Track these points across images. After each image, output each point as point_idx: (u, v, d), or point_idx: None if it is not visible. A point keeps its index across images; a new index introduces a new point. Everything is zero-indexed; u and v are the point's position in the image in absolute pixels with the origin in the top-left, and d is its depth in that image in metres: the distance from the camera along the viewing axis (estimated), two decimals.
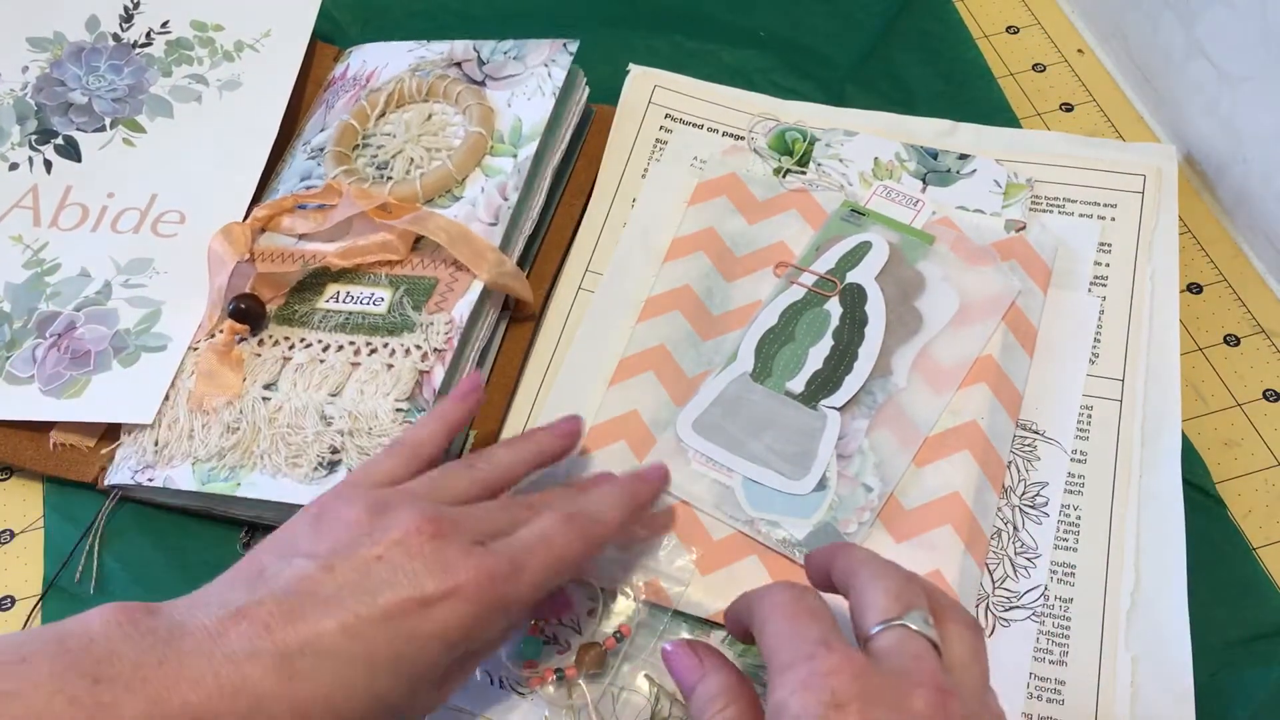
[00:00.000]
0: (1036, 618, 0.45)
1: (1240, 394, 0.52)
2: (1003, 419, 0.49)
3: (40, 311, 0.53)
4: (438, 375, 0.48)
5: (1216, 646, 0.45)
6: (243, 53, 0.63)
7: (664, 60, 0.63)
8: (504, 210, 0.52)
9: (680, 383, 0.50)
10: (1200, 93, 0.58)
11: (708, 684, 0.36)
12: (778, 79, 0.64)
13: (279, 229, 0.54)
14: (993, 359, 0.50)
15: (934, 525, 0.46)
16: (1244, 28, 0.55)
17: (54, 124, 0.60)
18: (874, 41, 0.65)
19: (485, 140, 0.55)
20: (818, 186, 0.57)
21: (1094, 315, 0.52)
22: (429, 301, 0.50)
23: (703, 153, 0.59)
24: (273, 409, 0.48)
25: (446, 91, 0.57)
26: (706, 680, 0.36)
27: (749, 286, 0.54)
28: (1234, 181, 0.58)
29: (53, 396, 0.50)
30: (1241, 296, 0.56)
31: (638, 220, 0.56)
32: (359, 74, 0.60)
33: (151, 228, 0.56)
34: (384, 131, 0.57)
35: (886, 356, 0.50)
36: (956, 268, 0.53)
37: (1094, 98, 0.64)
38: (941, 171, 0.57)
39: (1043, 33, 0.67)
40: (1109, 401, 0.50)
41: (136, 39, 0.63)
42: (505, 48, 0.59)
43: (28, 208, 0.58)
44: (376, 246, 0.52)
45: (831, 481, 0.47)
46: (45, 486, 0.52)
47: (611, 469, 0.48)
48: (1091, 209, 0.56)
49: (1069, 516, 0.47)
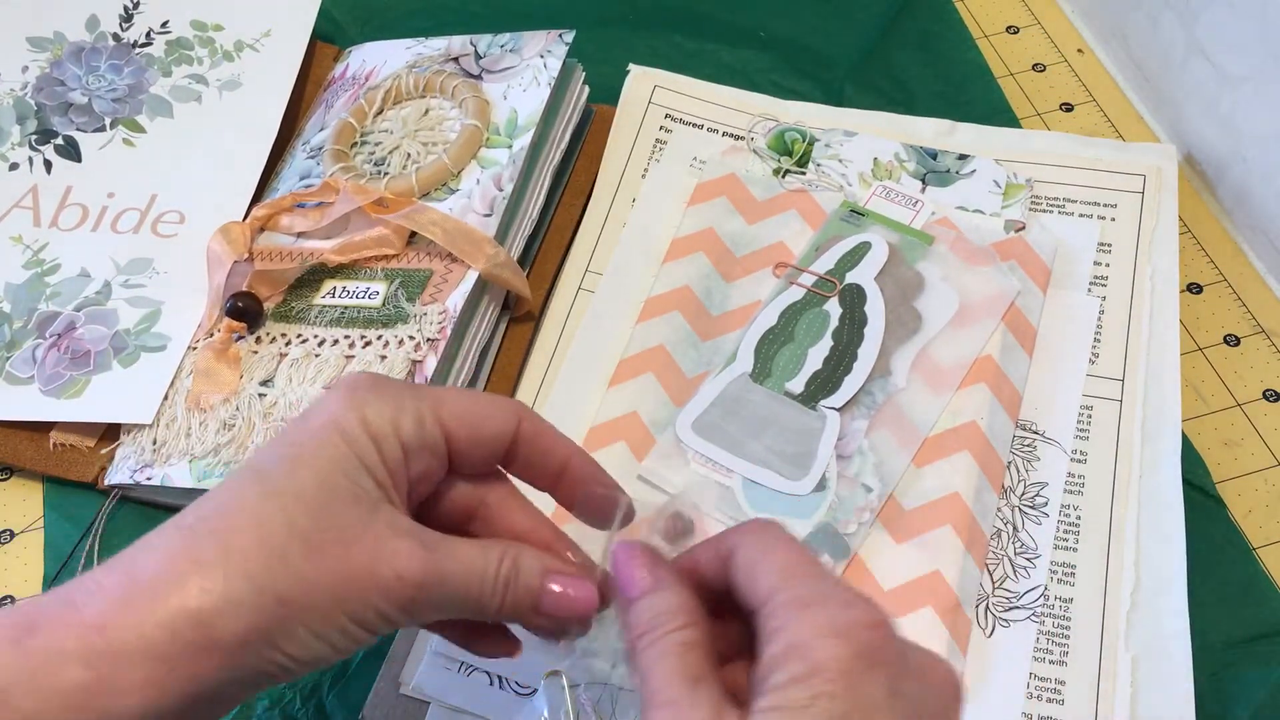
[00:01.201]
0: (1036, 618, 0.45)
1: (1240, 394, 0.52)
2: (1002, 419, 0.49)
3: (40, 312, 0.53)
4: (430, 364, 0.48)
5: (1216, 646, 0.45)
6: (243, 53, 0.63)
7: (664, 60, 0.63)
8: (499, 201, 0.52)
9: (680, 383, 0.50)
10: (1200, 93, 0.58)
11: (663, 597, 0.30)
12: (778, 79, 0.64)
13: (278, 228, 0.54)
14: (992, 359, 0.50)
15: (934, 526, 0.46)
16: (1244, 28, 0.54)
17: (54, 124, 0.60)
18: (874, 41, 0.65)
19: (481, 133, 0.55)
20: (817, 187, 0.57)
21: (1094, 315, 0.52)
22: (423, 293, 0.50)
23: (702, 153, 0.59)
24: (268, 404, 0.48)
25: (443, 86, 0.57)
26: (662, 593, 0.30)
27: (748, 287, 0.54)
28: (1234, 181, 0.58)
29: (53, 397, 0.50)
30: (1241, 296, 0.56)
31: (637, 220, 0.56)
32: (358, 73, 0.60)
33: (151, 228, 0.56)
34: (381, 128, 0.57)
35: (886, 357, 0.50)
36: (956, 268, 0.53)
37: (1094, 98, 0.64)
38: (941, 172, 0.57)
39: (1043, 33, 0.67)
40: (1109, 401, 0.50)
41: (136, 39, 0.63)
42: (502, 41, 0.59)
43: (28, 208, 0.58)
44: (373, 242, 0.52)
45: (831, 482, 0.47)
46: (45, 486, 0.52)
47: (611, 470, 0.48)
48: (1091, 209, 0.56)
49: (1069, 516, 0.47)
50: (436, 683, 0.44)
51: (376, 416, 0.31)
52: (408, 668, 0.44)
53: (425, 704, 0.44)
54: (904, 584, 0.44)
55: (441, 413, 0.32)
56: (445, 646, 0.44)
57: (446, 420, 0.32)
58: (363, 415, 0.31)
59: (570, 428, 0.47)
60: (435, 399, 0.32)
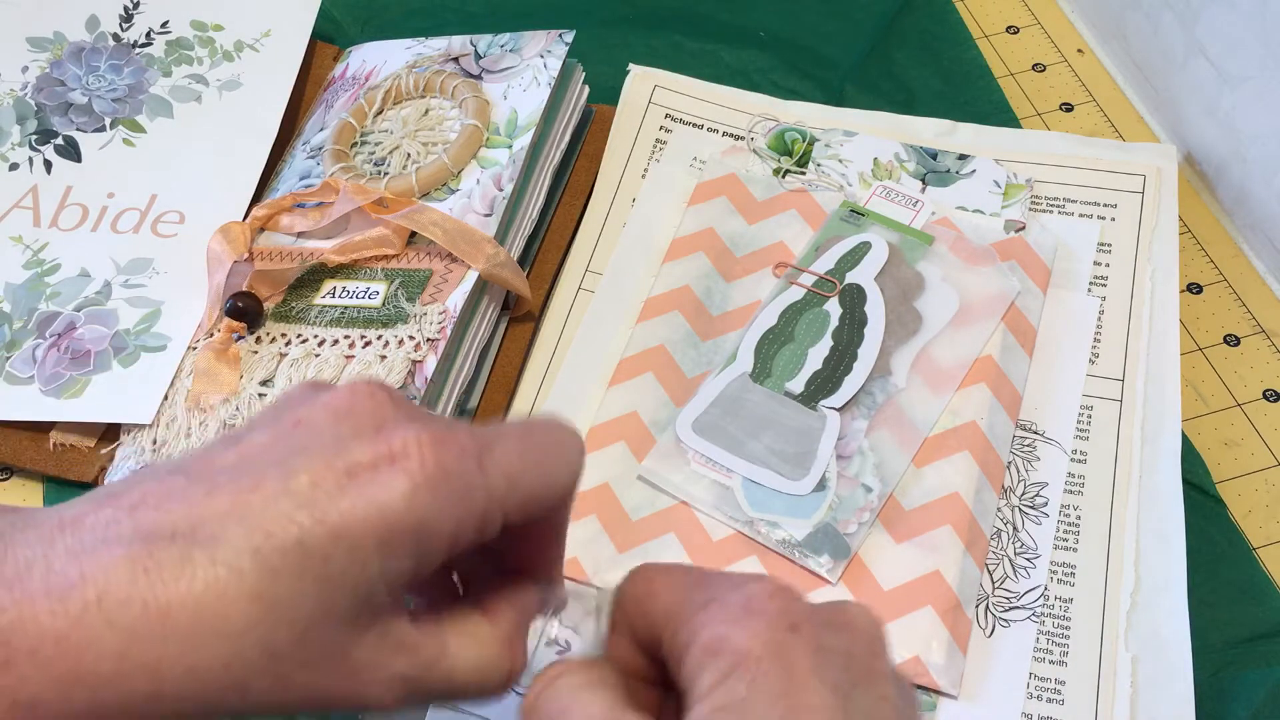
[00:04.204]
0: (1036, 618, 0.45)
1: (1240, 394, 0.52)
2: (1002, 419, 0.49)
3: (40, 312, 0.53)
4: (430, 364, 0.48)
5: (1216, 646, 0.45)
6: (243, 53, 0.63)
7: (664, 60, 0.63)
8: (499, 201, 0.52)
9: (680, 383, 0.50)
10: (1200, 93, 0.58)
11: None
12: (778, 79, 0.64)
13: (278, 228, 0.54)
14: (992, 359, 0.50)
15: (934, 526, 0.46)
16: (1244, 28, 0.54)
17: (54, 124, 0.60)
18: (874, 41, 0.65)
19: (481, 133, 0.55)
20: (817, 187, 0.57)
21: (1094, 315, 0.52)
22: (423, 293, 0.50)
23: (702, 153, 0.59)
24: (267, 404, 0.48)
25: (443, 86, 0.57)
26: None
27: (748, 287, 0.54)
28: (1234, 181, 0.58)
29: (53, 397, 0.50)
30: (1241, 296, 0.56)
31: (637, 220, 0.56)
32: (358, 73, 0.60)
33: (151, 228, 0.56)
34: (381, 128, 0.57)
35: (886, 357, 0.50)
36: (956, 268, 0.53)
37: (1094, 98, 0.64)
38: (941, 172, 0.57)
39: (1043, 33, 0.67)
40: (1109, 401, 0.50)
41: (136, 39, 0.63)
42: (502, 41, 0.59)
43: (28, 208, 0.57)
44: (373, 242, 0.52)
45: (831, 482, 0.47)
46: (45, 486, 0.52)
47: (612, 469, 0.48)
48: (1091, 209, 0.56)
49: (1069, 517, 0.47)
50: None
51: (438, 522, 0.25)
52: None
53: (425, 704, 0.44)
54: (904, 584, 0.44)
55: (512, 501, 0.26)
56: None
57: (517, 508, 0.27)
58: (420, 521, 0.25)
59: None
60: (509, 480, 0.26)
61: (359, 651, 0.25)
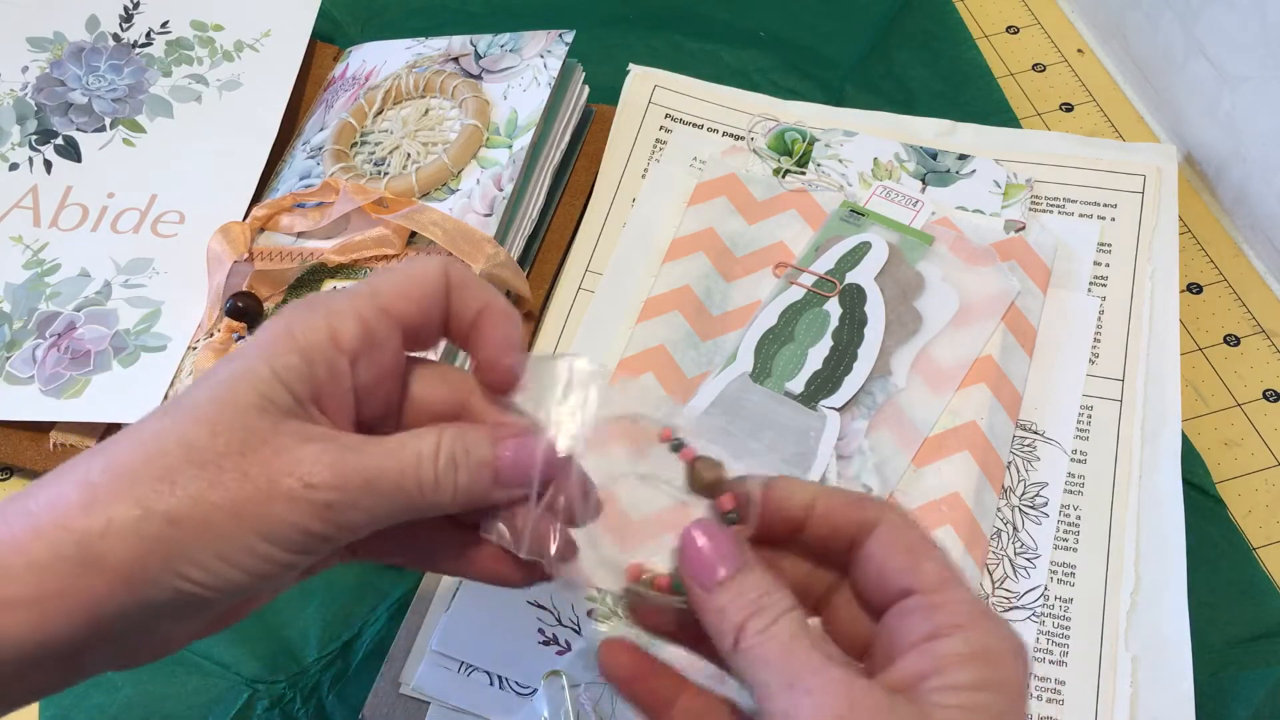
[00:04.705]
0: (1036, 618, 0.45)
1: (1240, 394, 0.52)
2: (1002, 419, 0.49)
3: (40, 312, 0.53)
4: None
5: (1216, 646, 0.45)
6: (243, 53, 0.63)
7: (664, 60, 0.63)
8: (499, 201, 0.52)
9: (680, 383, 0.50)
10: (1200, 93, 0.58)
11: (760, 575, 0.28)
12: (778, 79, 0.64)
13: (278, 228, 0.54)
14: (992, 359, 0.50)
15: (934, 526, 0.46)
16: (1244, 28, 0.54)
17: (54, 124, 0.60)
18: (874, 41, 0.65)
19: (481, 133, 0.55)
20: (817, 187, 0.57)
21: (1094, 315, 0.52)
22: None
23: (702, 153, 0.59)
24: None
25: (443, 86, 0.57)
26: (755, 570, 0.29)
27: (748, 287, 0.54)
28: (1234, 181, 0.58)
29: (53, 396, 0.50)
30: (1241, 296, 0.56)
31: (637, 220, 0.56)
32: (358, 73, 0.60)
33: (151, 228, 0.56)
34: (381, 129, 0.57)
35: (886, 357, 0.50)
36: (956, 268, 0.53)
37: (1094, 98, 0.64)
38: (941, 172, 0.57)
39: (1043, 33, 0.67)
40: (1109, 401, 0.50)
41: (136, 39, 0.63)
42: (502, 41, 0.59)
43: (28, 208, 0.58)
44: (373, 241, 0.52)
45: (831, 482, 0.47)
46: None
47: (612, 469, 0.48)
48: (1091, 209, 0.56)
49: (1069, 517, 0.47)
50: (436, 683, 0.44)
51: (306, 330, 0.29)
52: (408, 668, 0.44)
53: (425, 704, 0.44)
54: None
55: (380, 301, 0.30)
56: (446, 646, 0.44)
57: (389, 305, 0.30)
58: (289, 330, 0.29)
59: None
60: (370, 289, 0.31)
61: (279, 439, 0.28)
